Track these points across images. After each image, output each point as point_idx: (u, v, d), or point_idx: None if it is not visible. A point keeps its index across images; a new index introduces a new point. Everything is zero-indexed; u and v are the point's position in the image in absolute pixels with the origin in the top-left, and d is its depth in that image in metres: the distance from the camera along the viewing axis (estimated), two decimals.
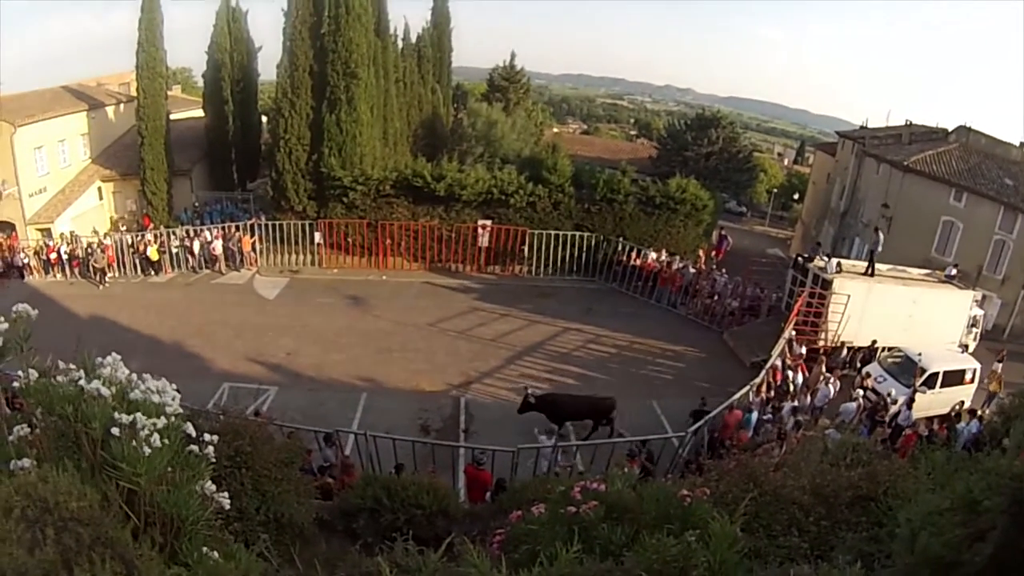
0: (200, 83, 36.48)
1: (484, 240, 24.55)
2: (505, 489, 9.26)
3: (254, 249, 25.39)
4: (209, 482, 3.13)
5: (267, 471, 4.96)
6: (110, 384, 3.16)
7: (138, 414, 2.88)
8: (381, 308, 21.92)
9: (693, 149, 41.10)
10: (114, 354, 3.47)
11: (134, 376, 3.35)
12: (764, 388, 15.33)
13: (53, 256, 28.51)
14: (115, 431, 2.90)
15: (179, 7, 34.97)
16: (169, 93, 31.92)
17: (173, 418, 3.08)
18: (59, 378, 3.33)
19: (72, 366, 3.33)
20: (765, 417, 14.12)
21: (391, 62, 29.10)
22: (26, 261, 29.45)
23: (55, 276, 28.49)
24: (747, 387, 14.65)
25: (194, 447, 3.12)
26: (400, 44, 31.88)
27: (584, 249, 24.22)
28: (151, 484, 2.85)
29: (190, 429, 3.15)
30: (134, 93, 35.32)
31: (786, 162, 78.28)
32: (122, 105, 35.78)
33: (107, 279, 25.91)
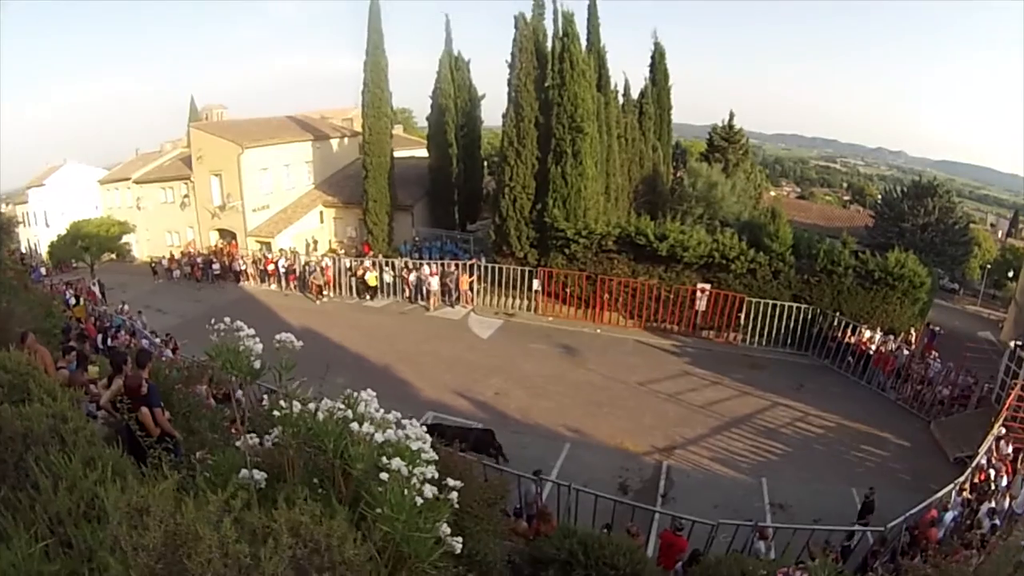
0: (420, 124, 38.71)
1: (702, 304, 24.11)
2: (699, 562, 9.29)
3: (471, 288, 26.44)
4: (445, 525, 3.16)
5: (470, 508, 5.00)
6: (372, 424, 3.34)
7: (408, 465, 3.03)
8: (593, 361, 21.92)
9: (910, 219, 39.02)
10: (369, 391, 3.73)
11: (390, 416, 3.52)
12: (967, 488, 14.17)
13: (271, 268, 30.96)
14: (383, 476, 3.02)
15: (400, 52, 37.21)
16: (392, 132, 33.85)
17: (428, 466, 3.17)
18: (312, 406, 3.60)
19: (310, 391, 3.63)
20: (960, 519, 12.98)
21: (613, 117, 29.61)
22: (244, 268, 32.18)
23: (269, 285, 31.09)
24: (951, 486, 13.43)
25: (435, 490, 3.14)
26: (621, 100, 32.38)
27: (800, 321, 23.26)
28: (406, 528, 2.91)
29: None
30: (356, 128, 38.21)
31: (1000, 234, 72.65)
32: (346, 139, 38.76)
33: (324, 296, 27.85)
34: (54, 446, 3.60)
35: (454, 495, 3.26)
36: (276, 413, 3.64)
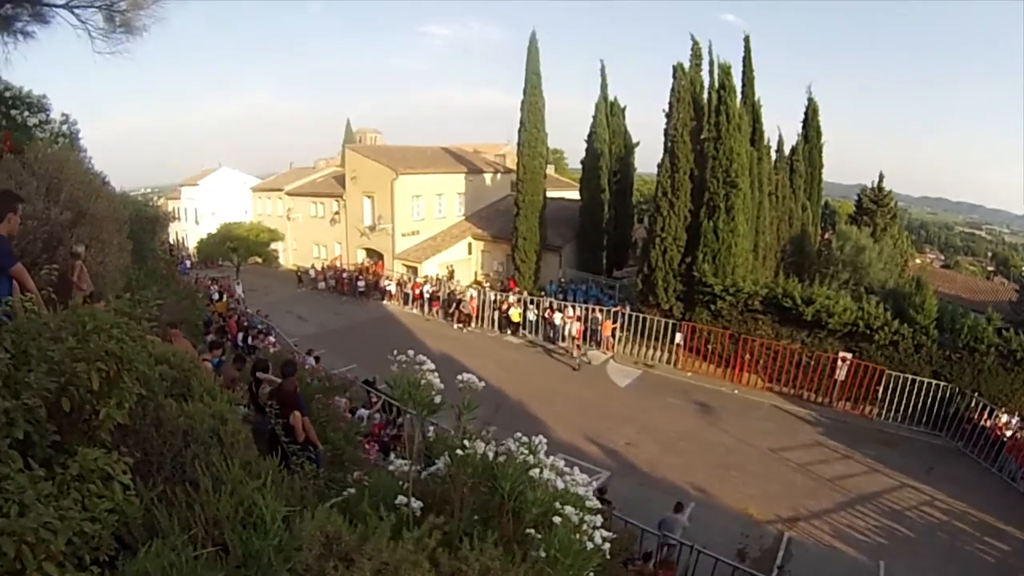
0: (572, 165, 39.71)
1: (841, 374, 23.75)
2: None
3: (613, 335, 26.94)
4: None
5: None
6: (552, 471, 3.51)
7: (579, 512, 3.19)
8: (727, 422, 22.07)
9: None
10: (541, 437, 3.90)
11: (558, 462, 3.68)
12: None
13: (416, 292, 32.55)
14: (556, 519, 3.17)
15: (553, 92, 38.41)
16: (545, 172, 34.65)
17: (596, 515, 3.36)
18: (482, 444, 3.69)
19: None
20: None
21: (765, 173, 29.59)
22: (389, 288, 33.98)
23: (412, 308, 32.55)
24: None
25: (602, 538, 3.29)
26: (774, 155, 32.37)
27: (937, 399, 22.51)
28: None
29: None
30: (509, 164, 39.78)
31: None
32: (498, 174, 40.34)
33: (469, 326, 29.07)
34: (214, 447, 3.80)
35: (607, 545, 3.36)
36: (446, 446, 3.79)
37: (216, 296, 29.77)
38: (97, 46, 11.17)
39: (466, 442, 3.68)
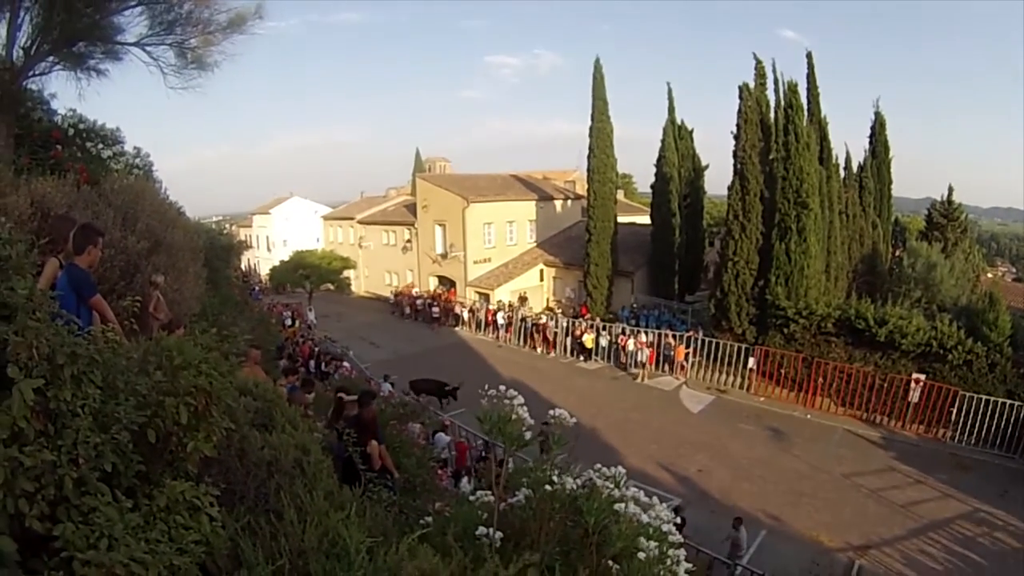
0: (641, 190, 40.15)
1: (915, 396, 23.62)
2: None
3: (686, 360, 27.28)
4: None
5: None
6: (637, 505, 3.60)
7: (662, 546, 3.31)
8: (800, 448, 22.19)
9: None
10: (622, 468, 4.04)
11: (639, 494, 3.78)
12: None
13: (489, 318, 33.47)
14: (641, 555, 3.26)
15: (622, 117, 39.14)
16: (616, 198, 35.29)
17: (680, 548, 3.53)
18: (568, 478, 3.83)
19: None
20: None
21: (835, 192, 29.63)
22: (462, 314, 35.00)
23: (486, 335, 33.37)
24: None
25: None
26: (843, 173, 32.39)
27: (1012, 420, 22.03)
28: None
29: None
30: (578, 191, 40.64)
31: None
32: (568, 201, 41.32)
33: (551, 353, 29.73)
34: (297, 477, 3.83)
35: None
36: (528, 477, 3.96)
37: (289, 322, 31.04)
38: (169, 81, 11.90)
39: (555, 477, 3.85)
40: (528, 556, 3.21)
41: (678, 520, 4.21)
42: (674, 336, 28.03)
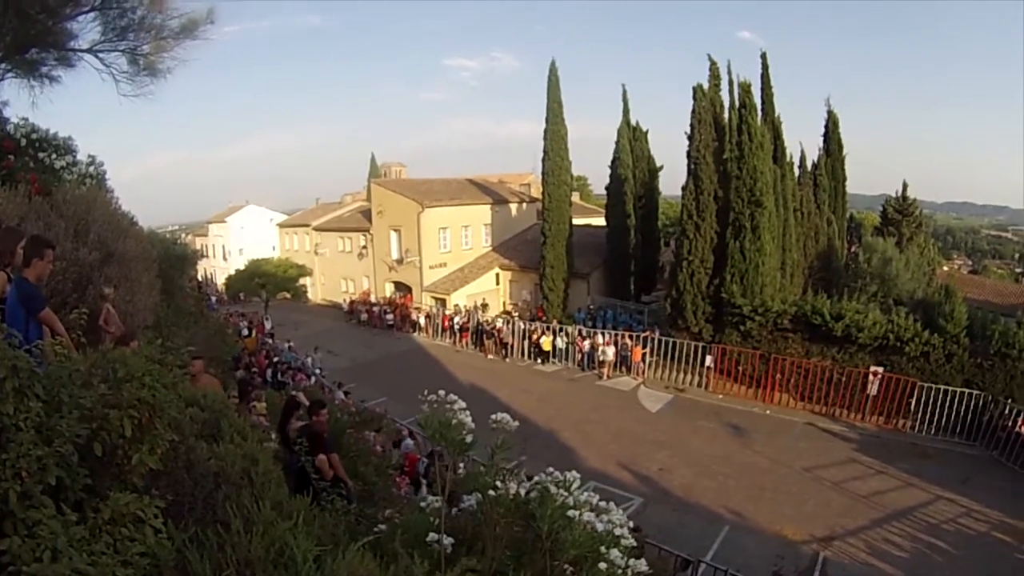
0: (596, 192, 40.28)
1: (873, 388, 23.94)
2: None
3: (643, 360, 27.33)
4: None
5: None
6: (592, 511, 3.57)
7: (624, 557, 3.30)
8: (760, 443, 22.27)
9: None
10: (575, 472, 3.90)
11: (594, 498, 3.76)
12: None
13: (446, 323, 33.40)
14: (602, 565, 3.28)
15: (575, 119, 39.11)
16: (571, 200, 35.39)
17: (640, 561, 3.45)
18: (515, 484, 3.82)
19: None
20: None
21: (790, 190, 29.82)
22: (418, 320, 34.84)
23: (443, 340, 33.34)
24: None
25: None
26: (797, 171, 32.67)
27: (970, 408, 22.58)
28: None
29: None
30: (534, 194, 40.66)
31: None
32: (524, 204, 41.34)
33: (506, 358, 29.72)
34: (245, 487, 3.77)
35: None
36: (477, 483, 3.93)
37: (245, 332, 30.57)
38: (122, 88, 11.80)
39: (498, 482, 3.84)
40: (465, 561, 3.20)
41: (631, 524, 4.11)
42: (631, 337, 28.13)
